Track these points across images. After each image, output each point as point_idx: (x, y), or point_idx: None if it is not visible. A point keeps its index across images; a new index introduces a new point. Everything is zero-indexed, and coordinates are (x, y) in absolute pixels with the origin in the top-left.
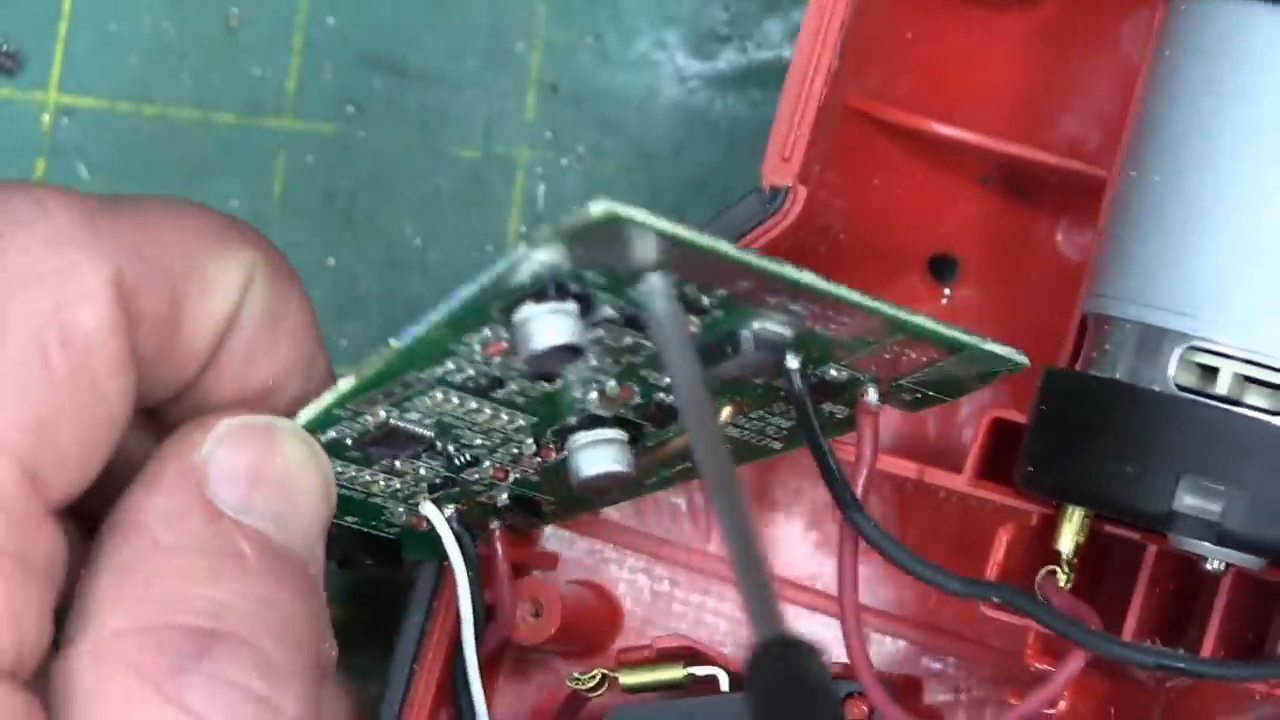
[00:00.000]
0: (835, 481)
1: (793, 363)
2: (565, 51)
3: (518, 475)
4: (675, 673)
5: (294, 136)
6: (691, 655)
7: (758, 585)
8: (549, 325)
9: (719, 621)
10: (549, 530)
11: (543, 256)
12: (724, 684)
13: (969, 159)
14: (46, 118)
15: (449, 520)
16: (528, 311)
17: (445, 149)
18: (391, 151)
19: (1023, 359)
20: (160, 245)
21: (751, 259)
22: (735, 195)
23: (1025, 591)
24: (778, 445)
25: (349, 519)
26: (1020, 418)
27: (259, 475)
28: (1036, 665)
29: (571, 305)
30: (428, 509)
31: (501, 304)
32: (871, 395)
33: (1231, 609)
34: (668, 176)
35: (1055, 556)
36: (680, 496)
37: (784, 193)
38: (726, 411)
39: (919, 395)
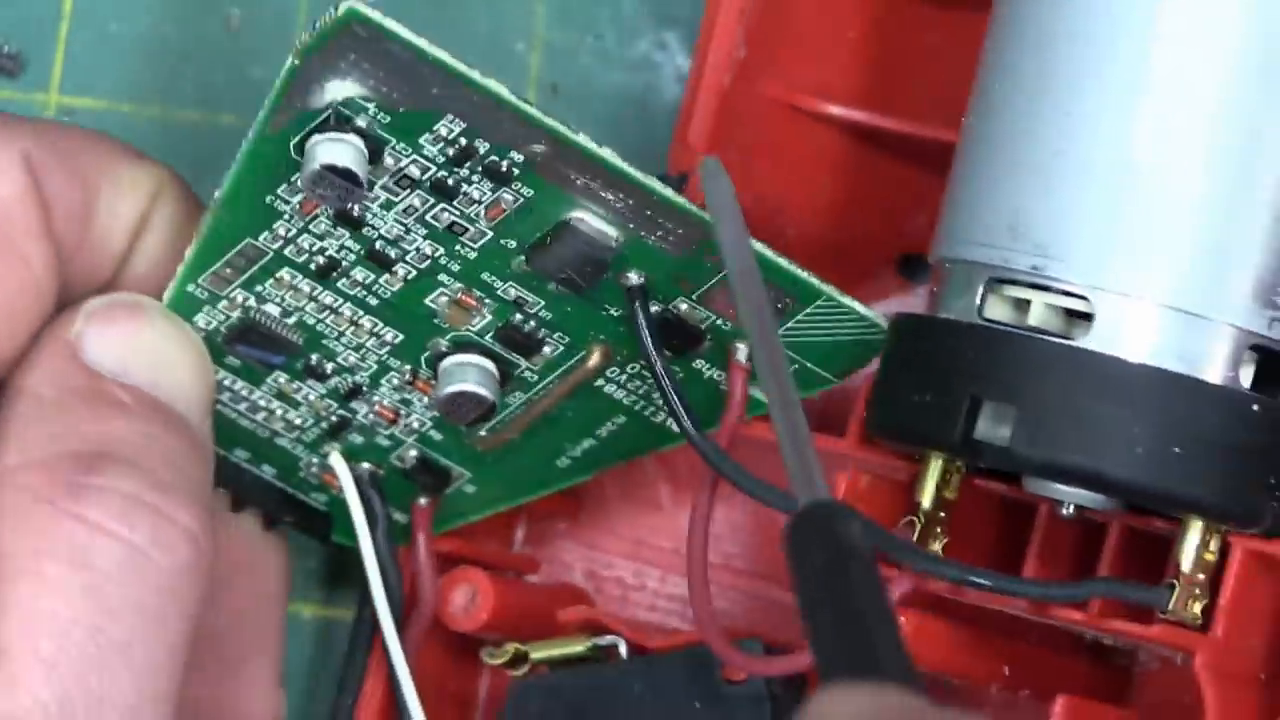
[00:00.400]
0: (671, 400)
1: (632, 278)
2: (565, 52)
3: (415, 423)
4: (580, 645)
5: None
6: (595, 627)
7: (800, 451)
8: (327, 149)
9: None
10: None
11: (329, 87)
12: (623, 651)
13: (929, 154)
14: (48, 118)
15: (359, 479)
16: (313, 140)
17: None
18: None
19: (877, 319)
20: (71, 142)
21: (506, 94)
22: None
23: (851, 507)
24: (675, 426)
25: (266, 468)
26: None
27: (131, 345)
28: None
29: (355, 138)
30: (334, 459)
31: (294, 139)
32: (741, 350)
33: (1122, 566)
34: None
35: (916, 509)
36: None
37: (685, 178)
38: (597, 354)
39: (797, 367)
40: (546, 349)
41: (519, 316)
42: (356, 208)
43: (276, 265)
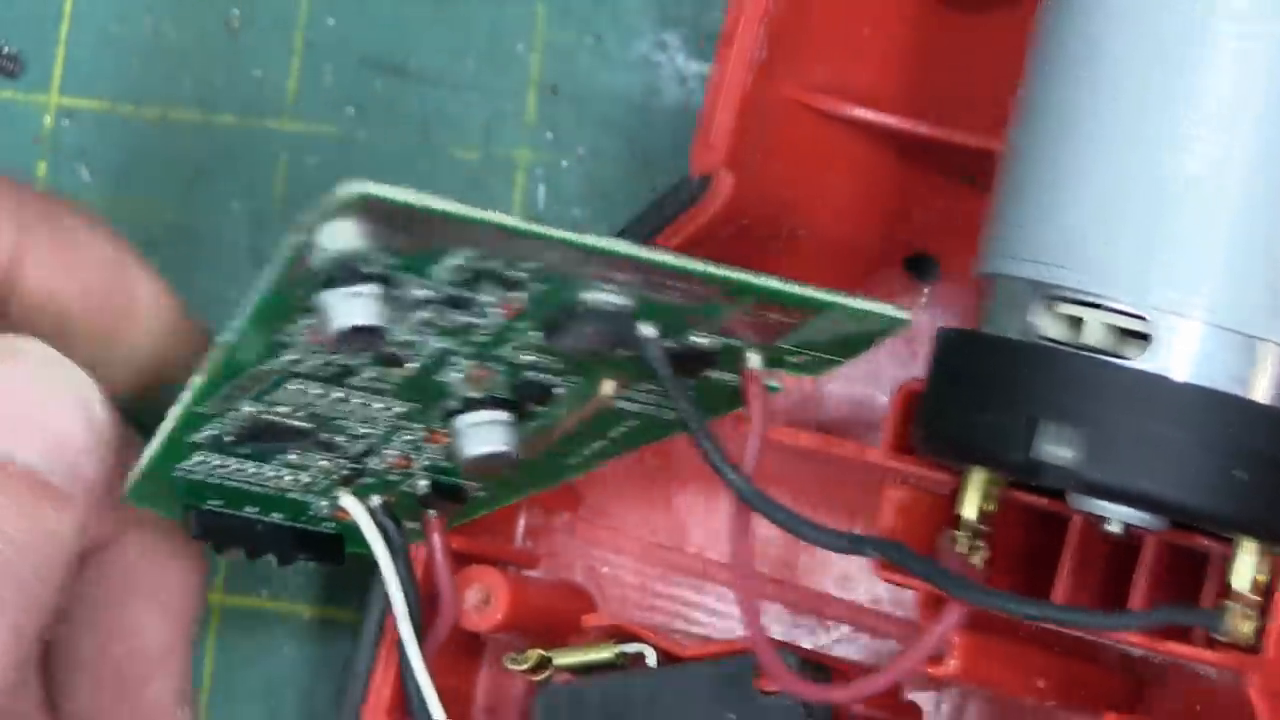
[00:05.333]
0: (706, 440)
1: (648, 330)
2: (565, 52)
3: (426, 462)
4: (606, 651)
5: (295, 138)
6: (621, 634)
7: None
8: (345, 307)
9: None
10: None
11: (326, 242)
12: (651, 660)
13: (941, 156)
14: (48, 120)
15: (374, 511)
16: (325, 297)
17: (445, 150)
18: (392, 152)
19: (904, 315)
20: None
21: (538, 229)
22: (678, 183)
23: (903, 545)
24: (674, 419)
25: (276, 515)
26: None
27: None
28: (922, 622)
29: (371, 287)
30: (346, 500)
31: (302, 292)
32: (754, 360)
33: (1157, 580)
34: (667, 177)
35: (958, 522)
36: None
37: (709, 180)
38: (610, 386)
39: (808, 358)
40: (559, 391)
41: (531, 374)
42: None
43: (286, 380)
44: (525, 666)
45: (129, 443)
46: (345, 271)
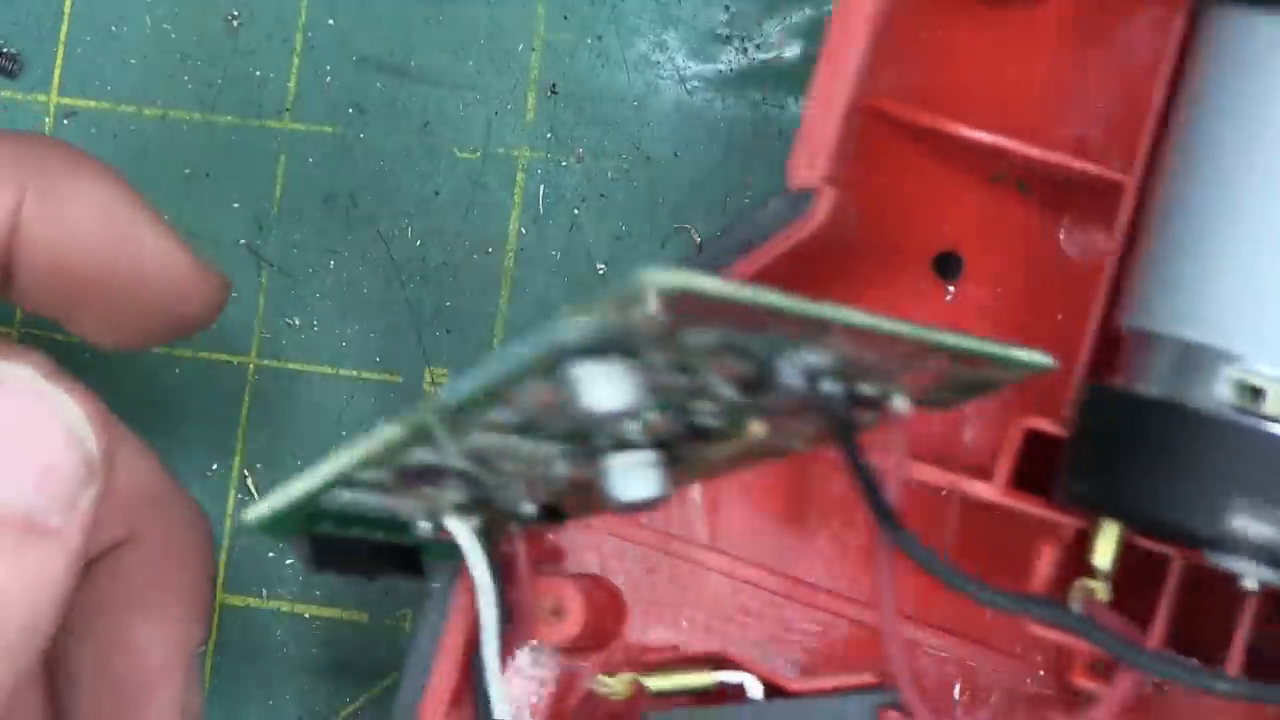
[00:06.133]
0: (879, 502)
1: (832, 388)
2: (565, 52)
3: (541, 494)
4: (704, 679)
5: (294, 138)
6: (719, 661)
7: None
8: (603, 388)
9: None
10: None
11: (591, 320)
12: (754, 691)
13: (976, 157)
14: (48, 120)
15: (477, 533)
16: (581, 371)
17: (445, 150)
18: (391, 152)
19: (1051, 361)
20: None
21: (812, 308)
22: (735, 195)
23: (1070, 609)
24: (800, 444)
25: (378, 534)
26: (1053, 429)
27: None
28: (1081, 683)
29: (624, 363)
30: (453, 525)
31: (551, 365)
32: (901, 404)
33: (1256, 623)
34: (667, 177)
35: (1091, 571)
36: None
37: (810, 196)
38: (761, 429)
39: (941, 397)
40: (714, 434)
41: (702, 419)
42: None
43: (479, 430)
44: (617, 690)
45: (133, 453)
46: (600, 348)
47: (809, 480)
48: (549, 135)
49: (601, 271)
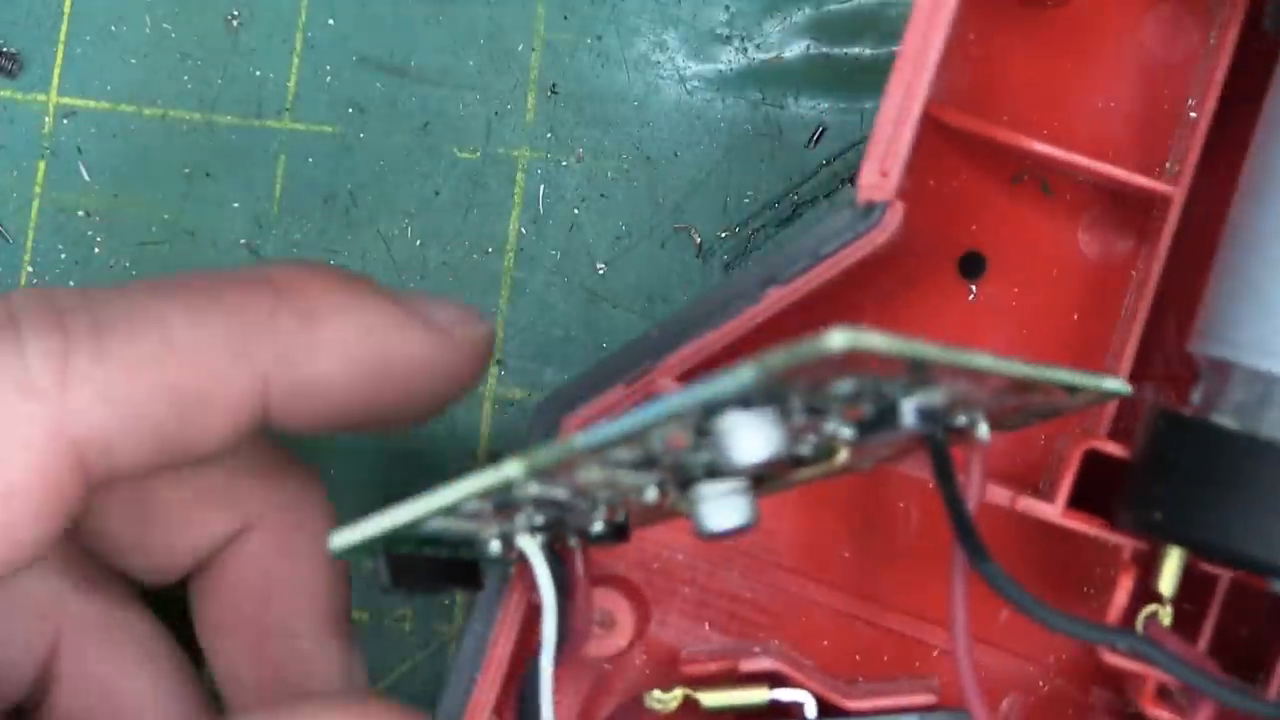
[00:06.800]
0: (968, 533)
1: (934, 424)
2: (565, 52)
3: (621, 516)
4: (758, 695)
5: (294, 137)
6: (775, 679)
7: None
8: (754, 439)
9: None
10: None
11: (760, 376)
12: (811, 710)
13: (1003, 158)
14: (48, 119)
15: (545, 550)
16: (732, 420)
17: (445, 149)
18: (391, 152)
19: (1127, 388)
20: (144, 389)
21: (962, 357)
22: (735, 195)
23: (1149, 639)
24: (868, 465)
25: (445, 552)
26: (1114, 449)
27: None
28: (1152, 711)
29: (772, 412)
30: (525, 543)
31: (706, 413)
32: (983, 431)
33: None
34: (667, 177)
35: (1156, 596)
36: None
37: (881, 208)
38: (845, 455)
39: (1016, 421)
40: (806, 461)
41: (800, 449)
42: None
43: (593, 465)
44: (670, 708)
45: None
46: (756, 399)
47: (873, 496)
48: (549, 135)
49: (601, 271)
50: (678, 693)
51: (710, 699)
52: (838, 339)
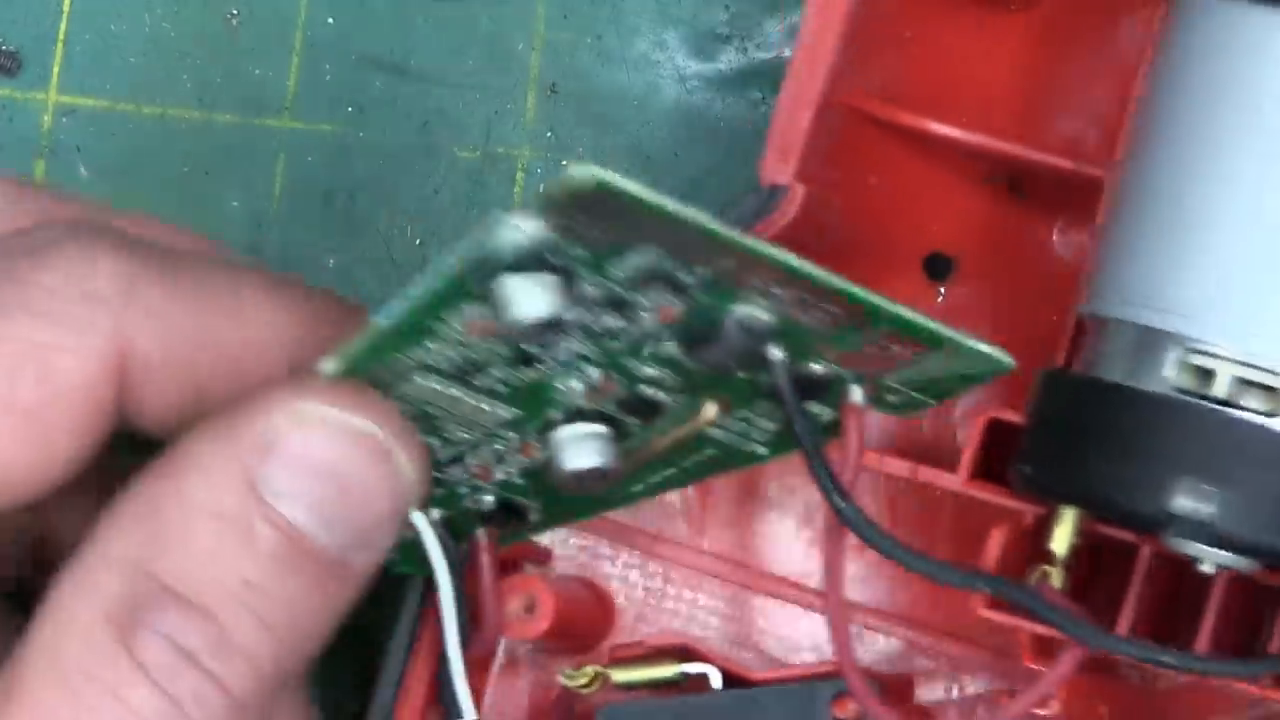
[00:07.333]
0: (820, 469)
1: (776, 354)
2: (565, 51)
3: (501, 476)
4: (668, 670)
5: (294, 137)
6: (684, 652)
7: None
8: (530, 296)
9: (711, 618)
10: None
11: (524, 225)
12: (716, 681)
13: (966, 158)
14: (47, 118)
15: (436, 526)
16: (509, 282)
17: (445, 149)
18: (391, 151)
19: (1009, 360)
20: (197, 315)
21: (737, 236)
22: (735, 195)
23: (1017, 582)
24: (763, 451)
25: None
26: (1016, 418)
27: (318, 469)
28: (1031, 666)
29: (553, 277)
30: (414, 516)
31: (481, 277)
32: (856, 394)
33: (1224, 610)
34: (667, 176)
35: (1049, 557)
36: (674, 494)
37: (782, 191)
38: (712, 409)
39: (903, 397)
40: (665, 409)
41: (648, 389)
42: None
43: (415, 372)
44: (582, 683)
45: None
46: (531, 260)
47: (769, 474)
48: (549, 135)
49: None
50: (588, 670)
51: (620, 675)
52: (582, 170)
